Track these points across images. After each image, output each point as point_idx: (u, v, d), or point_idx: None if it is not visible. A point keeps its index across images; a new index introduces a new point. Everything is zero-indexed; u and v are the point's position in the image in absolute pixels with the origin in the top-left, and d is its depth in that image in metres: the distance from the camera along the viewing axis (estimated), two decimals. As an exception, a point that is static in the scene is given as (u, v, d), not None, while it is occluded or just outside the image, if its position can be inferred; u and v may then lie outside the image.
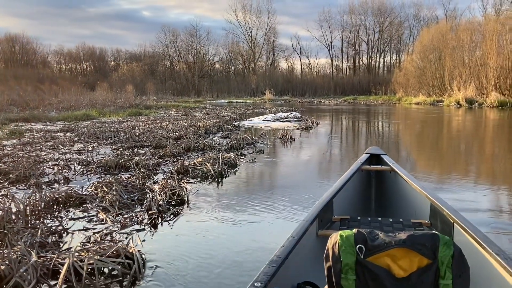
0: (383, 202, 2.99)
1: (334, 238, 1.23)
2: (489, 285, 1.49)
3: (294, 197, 3.97)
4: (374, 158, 3.17)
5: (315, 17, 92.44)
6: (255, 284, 1.24)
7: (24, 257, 2.14)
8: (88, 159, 5.76)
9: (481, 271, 1.51)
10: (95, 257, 2.13)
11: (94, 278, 2.08)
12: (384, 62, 63.21)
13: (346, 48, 62.94)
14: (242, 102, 39.03)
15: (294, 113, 16.39)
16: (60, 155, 6.25)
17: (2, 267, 2.04)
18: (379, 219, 2.26)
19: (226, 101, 42.48)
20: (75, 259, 2.14)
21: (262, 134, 9.63)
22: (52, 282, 2.11)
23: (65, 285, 2.07)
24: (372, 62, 62.75)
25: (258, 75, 58.93)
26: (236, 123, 12.78)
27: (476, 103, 26.33)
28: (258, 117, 15.53)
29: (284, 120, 13.98)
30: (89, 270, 2.12)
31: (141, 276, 2.19)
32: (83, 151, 6.80)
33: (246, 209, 3.56)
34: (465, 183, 4.82)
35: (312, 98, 51.02)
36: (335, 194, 2.30)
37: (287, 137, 8.68)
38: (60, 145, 7.40)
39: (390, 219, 2.25)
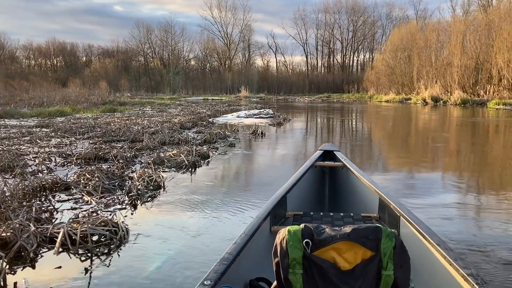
0: (336, 198, 3.07)
1: (282, 233, 1.24)
2: (431, 273, 1.58)
3: (259, 183, 4.49)
4: (328, 155, 3.25)
5: (290, 15, 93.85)
6: (205, 282, 1.24)
7: (25, 227, 2.55)
8: (68, 152, 6.08)
9: (424, 261, 1.62)
10: (87, 225, 2.55)
11: (87, 242, 2.51)
12: (357, 60, 64.87)
13: (321, 47, 64.25)
14: (218, 99, 39.34)
15: (267, 110, 16.92)
16: (39, 149, 6.53)
17: (8, 234, 2.44)
18: (331, 214, 2.32)
19: (202, 98, 42.67)
20: (69, 228, 2.56)
21: (235, 129, 10.11)
22: (50, 246, 2.53)
23: (61, 249, 2.49)
24: (346, 61, 64.23)
25: (233, 73, 59.27)
26: (210, 120, 13.19)
27: (441, 101, 27.65)
28: (232, 114, 15.98)
29: (257, 116, 14.50)
30: (81, 236, 2.54)
31: (125, 240, 2.64)
32: (61, 145, 7.08)
33: (216, 193, 4.05)
34: (416, 173, 5.46)
35: (287, 95, 51.82)
36: (288, 190, 2.34)
37: (258, 132, 9.18)
38: (37, 140, 7.64)
39: (341, 214, 2.32)
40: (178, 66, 62.03)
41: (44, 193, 3.79)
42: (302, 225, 1.24)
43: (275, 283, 1.26)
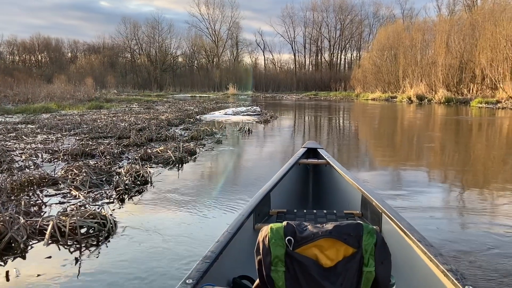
0: (320, 195, 3.08)
1: (265, 231, 1.24)
2: (412, 269, 1.61)
3: (245, 179, 4.60)
4: (312, 152, 3.25)
5: (278, 13, 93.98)
6: (187, 281, 1.24)
7: (15, 220, 2.61)
8: (54, 148, 6.10)
9: (405, 257, 1.65)
10: (76, 218, 2.63)
11: (76, 234, 2.59)
12: (345, 59, 65.36)
13: (309, 45, 64.58)
14: (206, 96, 39.28)
15: (255, 107, 17.06)
16: (25, 145, 6.53)
17: (-2, 226, 2.51)
18: (314, 211, 2.33)
19: (189, 95, 42.55)
20: (58, 220, 2.63)
21: (222, 126, 10.19)
22: (40, 238, 2.60)
23: (51, 241, 2.56)
24: (334, 59, 64.67)
25: (221, 70, 59.18)
26: (198, 117, 13.24)
27: (426, 99, 28.12)
28: (219, 111, 16.05)
29: (245, 114, 14.59)
30: (70, 228, 2.62)
31: (113, 232, 2.72)
32: (48, 142, 7.07)
33: (202, 188, 4.15)
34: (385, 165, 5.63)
35: (275, 93, 52.00)
36: (272, 187, 2.35)
37: (245, 130, 9.28)
38: (23, 136, 7.62)
39: (325, 211, 2.32)
40: (166, 63, 61.66)
41: (31, 188, 3.84)
42: (284, 223, 1.25)
43: (258, 281, 1.25)
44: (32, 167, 4.90)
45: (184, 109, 16.50)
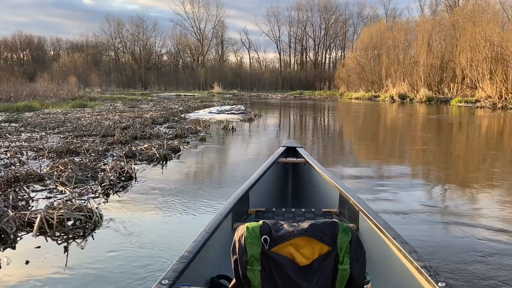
0: (298, 193, 3.11)
1: (241, 230, 1.25)
2: (387, 266, 1.64)
3: (227, 175, 4.76)
4: (291, 151, 3.27)
5: (263, 12, 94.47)
6: (163, 281, 1.23)
7: (4, 213, 2.72)
8: (39, 146, 6.15)
9: (380, 254, 1.69)
10: (64, 210, 2.75)
11: (63, 225, 2.72)
12: (329, 58, 65.91)
13: (294, 44, 64.94)
14: (191, 95, 39.23)
15: (239, 106, 17.22)
16: (10, 143, 6.56)
17: (-12, 219, 2.62)
18: (293, 209, 2.35)
19: (174, 94, 42.42)
20: (46, 213, 2.75)
21: (206, 125, 10.31)
22: (29, 230, 2.72)
23: (39, 233, 2.69)
24: (319, 58, 65.18)
25: (206, 69, 59.08)
26: (182, 115, 13.34)
27: (408, 98, 28.68)
28: (204, 110, 16.16)
29: (229, 112, 14.75)
30: (57, 220, 2.74)
31: (99, 225, 2.86)
32: (32, 140, 7.11)
33: (185, 184, 4.31)
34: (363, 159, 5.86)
35: (260, 92, 52.21)
36: (251, 186, 2.34)
37: (229, 128, 9.44)
38: (7, 134, 7.62)
39: (303, 210, 2.34)
40: (150, 62, 61.24)
41: (18, 184, 3.93)
42: (260, 222, 1.25)
43: (234, 280, 1.26)
44: (18, 164, 4.97)
45: (168, 108, 16.55)
